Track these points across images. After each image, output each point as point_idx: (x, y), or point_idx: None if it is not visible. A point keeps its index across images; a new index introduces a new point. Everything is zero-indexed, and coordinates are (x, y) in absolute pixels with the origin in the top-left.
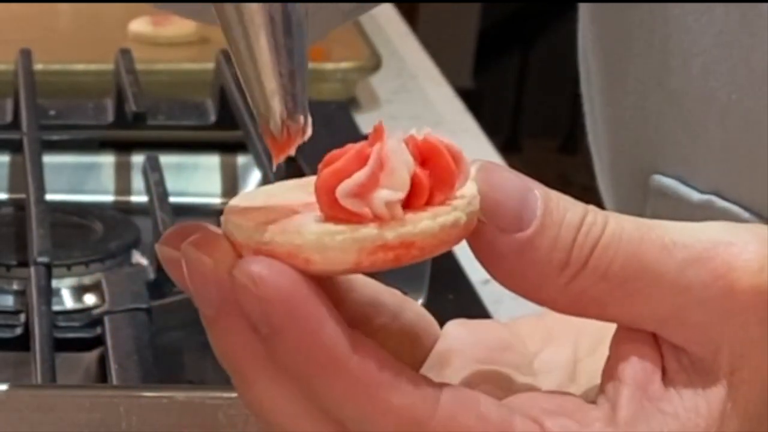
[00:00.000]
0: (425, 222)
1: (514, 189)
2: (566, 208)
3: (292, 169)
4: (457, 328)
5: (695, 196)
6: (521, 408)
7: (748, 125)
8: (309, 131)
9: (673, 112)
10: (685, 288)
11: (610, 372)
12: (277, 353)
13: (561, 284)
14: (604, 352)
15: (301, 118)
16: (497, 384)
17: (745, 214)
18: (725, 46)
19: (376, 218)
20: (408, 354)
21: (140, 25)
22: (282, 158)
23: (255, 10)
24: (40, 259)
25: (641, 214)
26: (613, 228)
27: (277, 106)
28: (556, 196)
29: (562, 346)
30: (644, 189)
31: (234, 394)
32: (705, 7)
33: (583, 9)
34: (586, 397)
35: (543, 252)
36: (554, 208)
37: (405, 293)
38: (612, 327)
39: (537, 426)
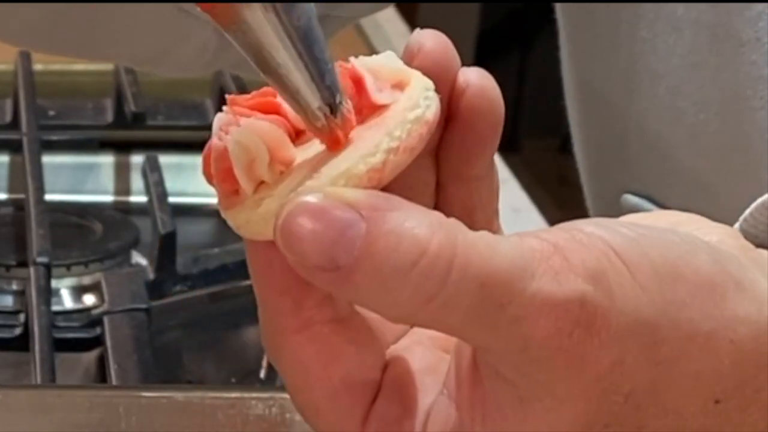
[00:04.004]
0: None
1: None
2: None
3: None
4: None
5: None
6: None
7: (717, 145)
8: (352, 116)
9: (641, 133)
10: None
11: None
12: None
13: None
14: None
15: (342, 104)
16: None
17: None
18: (693, 67)
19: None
20: None
21: None
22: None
23: (268, 32)
24: (40, 259)
25: None
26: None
27: (313, 101)
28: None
29: None
30: (618, 206)
31: (234, 394)
32: (673, 28)
33: (561, 26)
34: None
35: None
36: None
37: None
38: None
39: None
